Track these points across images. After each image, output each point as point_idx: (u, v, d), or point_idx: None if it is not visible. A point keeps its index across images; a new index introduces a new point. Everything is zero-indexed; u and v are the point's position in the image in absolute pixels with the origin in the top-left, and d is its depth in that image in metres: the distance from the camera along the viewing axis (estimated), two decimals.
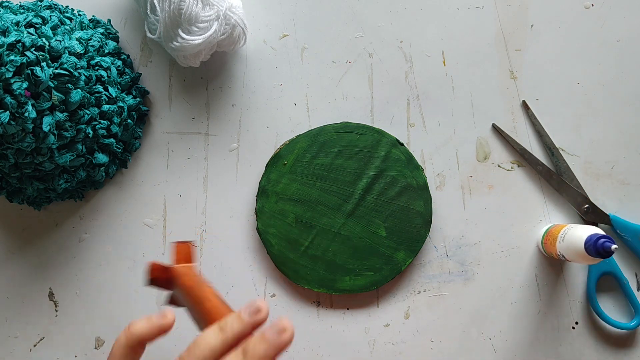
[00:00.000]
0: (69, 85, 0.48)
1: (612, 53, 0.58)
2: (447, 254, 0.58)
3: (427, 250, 0.58)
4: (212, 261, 0.58)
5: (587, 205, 0.57)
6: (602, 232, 0.49)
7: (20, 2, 0.54)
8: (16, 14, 0.50)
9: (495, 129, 0.58)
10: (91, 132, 0.52)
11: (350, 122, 0.58)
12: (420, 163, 0.58)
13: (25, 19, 0.48)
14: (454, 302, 0.57)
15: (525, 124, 0.58)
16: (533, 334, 0.57)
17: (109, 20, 0.59)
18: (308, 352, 0.57)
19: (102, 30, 0.57)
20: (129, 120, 0.56)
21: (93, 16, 0.58)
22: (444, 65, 0.59)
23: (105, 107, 0.53)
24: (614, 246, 0.47)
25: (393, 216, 0.56)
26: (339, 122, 0.58)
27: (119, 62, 0.56)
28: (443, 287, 0.57)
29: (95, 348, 0.58)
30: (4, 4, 0.52)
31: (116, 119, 0.54)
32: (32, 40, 0.46)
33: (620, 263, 0.57)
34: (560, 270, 0.57)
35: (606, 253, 0.48)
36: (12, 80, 0.45)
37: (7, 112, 0.45)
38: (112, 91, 0.54)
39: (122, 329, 0.58)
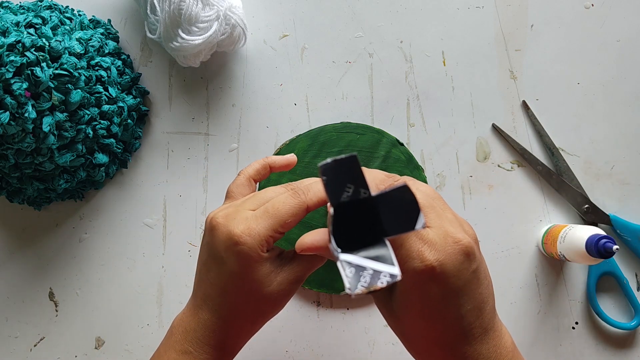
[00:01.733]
0: (69, 85, 0.48)
1: (612, 53, 0.58)
2: None
3: None
4: None
5: (587, 205, 0.57)
6: (603, 233, 0.49)
7: (20, 3, 0.54)
8: (16, 14, 0.50)
9: (495, 129, 0.58)
10: (91, 132, 0.52)
11: (350, 122, 0.58)
12: (420, 163, 0.58)
13: (25, 19, 0.48)
14: None
15: (525, 124, 0.58)
16: (533, 334, 0.57)
17: (109, 21, 0.59)
18: (308, 352, 0.57)
19: (102, 31, 0.57)
20: (129, 121, 0.56)
21: (93, 16, 0.58)
22: (444, 65, 0.59)
23: (105, 107, 0.53)
24: (615, 247, 0.47)
25: None
26: (339, 122, 0.58)
27: (119, 62, 0.56)
28: None
29: (96, 348, 0.58)
30: (4, 4, 0.52)
31: (116, 119, 0.54)
32: (32, 41, 0.46)
33: (620, 263, 0.57)
34: (560, 270, 0.57)
35: (607, 253, 0.48)
36: (12, 81, 0.45)
37: (7, 113, 0.45)
38: (112, 91, 0.54)
39: (122, 329, 0.59)
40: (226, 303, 0.40)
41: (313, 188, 0.41)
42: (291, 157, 0.48)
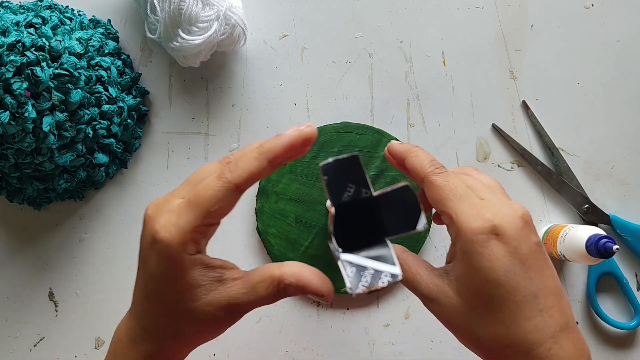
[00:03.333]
0: (69, 85, 0.48)
1: (612, 53, 0.58)
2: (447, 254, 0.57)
3: (427, 250, 0.58)
4: None
5: (587, 205, 0.57)
6: (603, 233, 0.49)
7: (20, 2, 0.54)
8: (16, 14, 0.50)
9: (495, 129, 0.58)
10: (91, 132, 0.52)
11: (350, 122, 0.58)
12: None
13: (25, 19, 0.48)
14: None
15: (525, 124, 0.58)
16: None
17: (109, 20, 0.59)
18: (308, 352, 0.57)
19: (102, 30, 0.57)
20: (129, 120, 0.56)
21: (93, 16, 0.58)
22: (444, 65, 0.59)
23: (105, 107, 0.53)
24: (615, 246, 0.47)
25: None
26: (339, 122, 0.58)
27: (119, 62, 0.56)
28: None
29: (95, 348, 0.58)
30: (4, 4, 0.52)
31: (116, 119, 0.54)
32: (32, 40, 0.46)
33: (620, 263, 0.57)
34: (560, 270, 0.57)
35: (607, 253, 0.47)
36: (12, 81, 0.45)
37: (7, 112, 0.45)
38: (112, 91, 0.54)
39: None
40: (148, 311, 0.34)
41: (241, 162, 0.32)
42: (304, 131, 0.32)
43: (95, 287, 0.58)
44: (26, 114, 0.46)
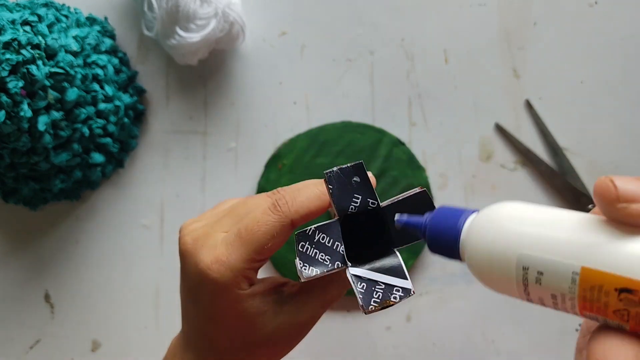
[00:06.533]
0: (65, 83, 0.48)
1: (617, 51, 0.57)
2: None
3: (429, 251, 0.57)
4: None
5: (591, 205, 0.56)
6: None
7: (16, 0, 0.54)
8: (12, 12, 0.50)
9: (498, 129, 0.57)
10: (87, 131, 0.51)
11: (350, 122, 0.57)
12: (422, 163, 0.57)
13: (21, 16, 0.48)
14: (456, 305, 0.57)
15: (528, 123, 0.57)
16: (536, 337, 0.56)
17: (106, 18, 0.58)
18: (308, 355, 0.56)
19: (98, 28, 0.56)
20: (125, 119, 0.55)
21: (89, 14, 0.58)
22: (446, 63, 0.58)
23: (102, 105, 0.52)
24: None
25: None
26: (339, 121, 0.57)
27: (116, 60, 0.55)
28: (445, 289, 0.57)
29: (92, 351, 0.57)
30: (0, 2, 0.51)
31: (113, 118, 0.54)
32: (28, 39, 0.46)
33: None
34: None
35: None
36: (8, 79, 0.44)
37: (3, 112, 0.45)
38: (109, 90, 0.53)
39: (119, 331, 0.58)
40: (209, 349, 0.33)
41: (300, 197, 0.32)
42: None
43: (91, 289, 0.57)
44: (22, 113, 0.45)
